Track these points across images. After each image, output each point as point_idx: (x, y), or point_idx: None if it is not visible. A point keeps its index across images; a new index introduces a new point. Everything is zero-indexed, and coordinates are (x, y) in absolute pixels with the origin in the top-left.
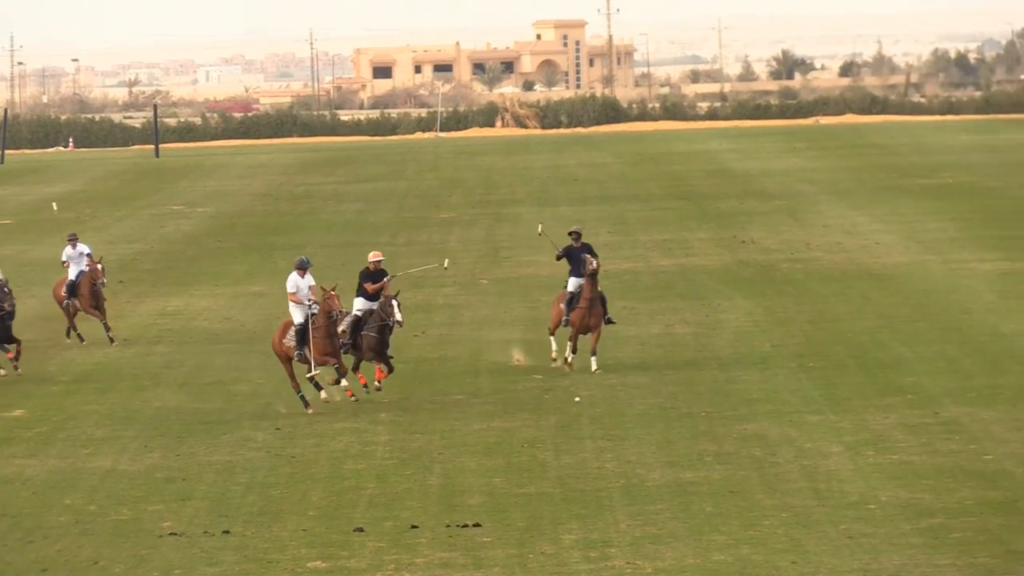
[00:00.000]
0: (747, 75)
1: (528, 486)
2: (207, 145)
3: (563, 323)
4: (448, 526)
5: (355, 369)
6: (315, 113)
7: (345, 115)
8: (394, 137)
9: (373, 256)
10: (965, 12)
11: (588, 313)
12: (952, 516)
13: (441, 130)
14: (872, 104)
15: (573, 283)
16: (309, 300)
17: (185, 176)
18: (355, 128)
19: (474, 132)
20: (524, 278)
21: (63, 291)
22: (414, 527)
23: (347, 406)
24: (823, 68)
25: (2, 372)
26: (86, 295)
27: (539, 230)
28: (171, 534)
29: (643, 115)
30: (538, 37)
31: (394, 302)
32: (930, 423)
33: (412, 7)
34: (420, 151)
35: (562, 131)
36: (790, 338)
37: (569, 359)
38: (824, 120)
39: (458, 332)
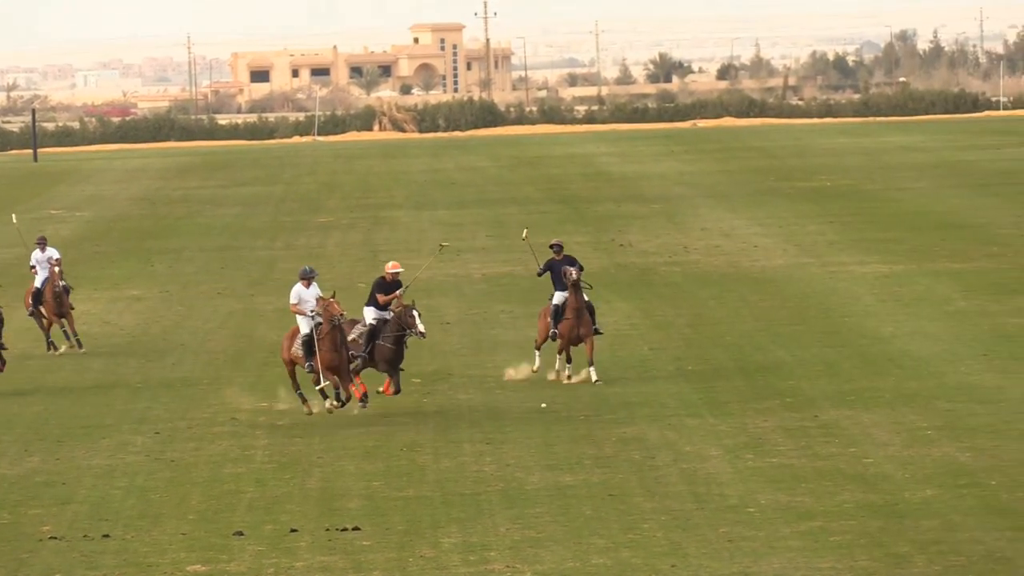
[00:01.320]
0: (625, 78)
1: (407, 490)
2: (85, 150)
3: (551, 337)
4: (327, 530)
5: (356, 373)
6: (193, 117)
7: (223, 119)
8: (272, 141)
9: (391, 267)
10: (843, 15)
11: (576, 324)
12: (832, 519)
13: (318, 134)
14: (750, 107)
15: (558, 296)
16: (312, 311)
17: (63, 180)
18: (233, 132)
19: (352, 136)
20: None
21: (30, 299)
22: (293, 531)
23: (227, 411)
24: (701, 71)
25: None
26: (50, 301)
27: (523, 235)
28: (51, 538)
29: (521, 119)
30: (415, 41)
31: (415, 312)
32: (809, 426)
33: (290, 11)
34: (298, 155)
35: (440, 135)
36: (669, 341)
37: (567, 372)
38: (702, 123)
39: None
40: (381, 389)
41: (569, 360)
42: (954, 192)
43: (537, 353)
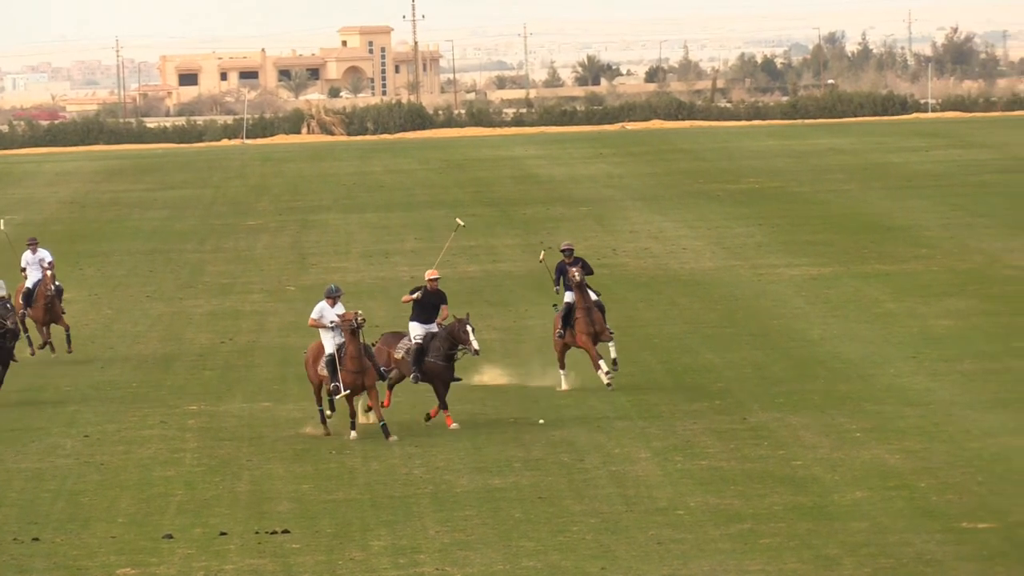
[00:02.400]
0: (553, 81)
1: (337, 492)
2: (14, 153)
3: (558, 335)
4: (257, 533)
5: (389, 388)
6: (121, 121)
7: (151, 122)
8: (200, 144)
9: (430, 274)
10: (771, 17)
11: (587, 321)
12: (761, 521)
13: (247, 137)
14: (678, 109)
15: (569, 296)
16: (333, 323)
17: None
18: (161, 135)
19: (280, 139)
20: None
21: (20, 300)
22: (223, 534)
23: (157, 414)
24: (629, 74)
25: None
26: (40, 305)
27: (540, 257)
28: None
29: (449, 121)
30: (344, 44)
31: (469, 327)
32: (738, 429)
33: (218, 15)
34: (226, 158)
35: (368, 138)
36: (598, 344)
37: (605, 380)
38: (630, 126)
39: (265, 339)
40: (432, 414)
41: (597, 367)
42: (883, 194)
43: (563, 373)
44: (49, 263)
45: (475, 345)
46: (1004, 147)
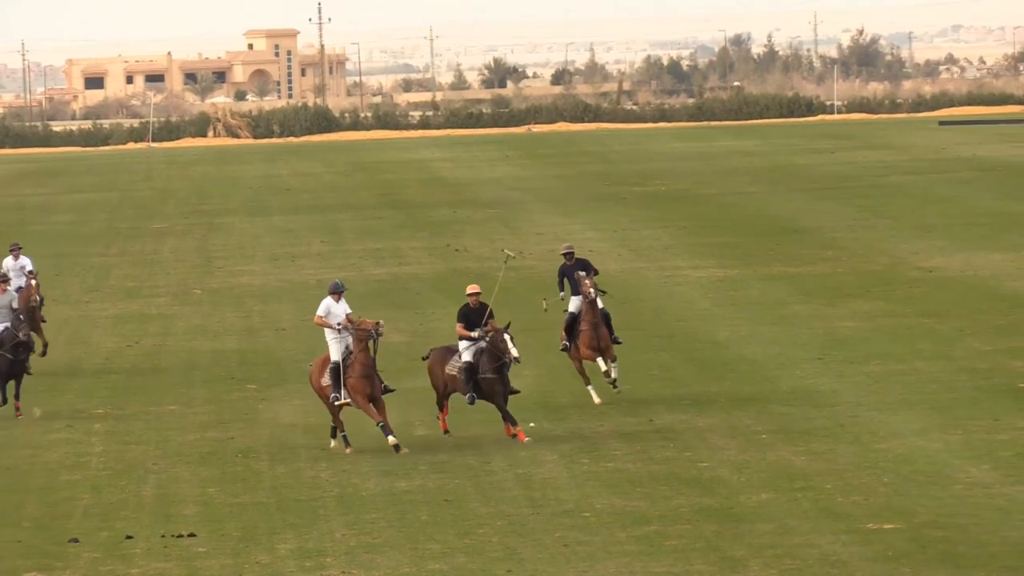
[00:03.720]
0: (459, 84)
1: (243, 496)
2: None
3: (562, 348)
4: (163, 536)
5: (441, 409)
6: (27, 124)
7: (57, 126)
8: (106, 148)
9: (471, 289)
10: (677, 19)
11: (593, 335)
12: (667, 523)
13: (153, 140)
14: (585, 112)
15: (574, 303)
16: (339, 325)
17: None
18: (67, 139)
19: (186, 142)
20: (237, 288)
21: None
22: (129, 537)
23: (63, 418)
24: (535, 76)
25: (37, 412)
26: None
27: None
28: None
29: (355, 124)
30: (250, 47)
31: (506, 336)
32: (645, 431)
33: (124, 18)
34: (133, 161)
35: (274, 141)
36: None
37: (593, 396)
38: (537, 128)
39: (172, 342)
40: (515, 433)
41: (588, 381)
42: (789, 196)
43: (590, 388)
44: (31, 271)
45: (514, 353)
46: (910, 149)
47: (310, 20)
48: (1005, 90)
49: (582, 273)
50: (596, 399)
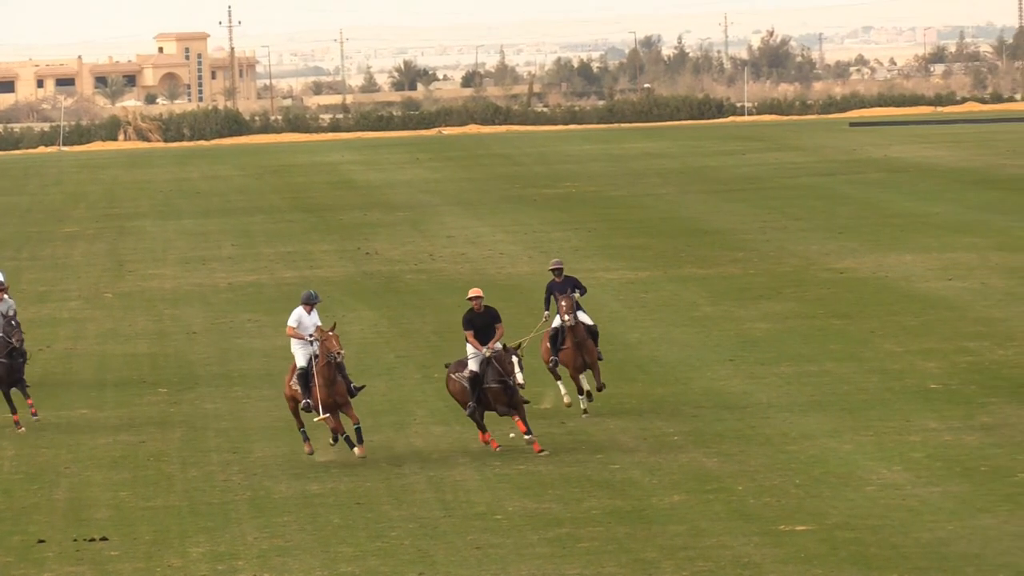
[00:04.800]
0: (370, 86)
1: (155, 499)
2: None
3: (550, 364)
4: (75, 540)
5: (482, 430)
6: None
7: None
8: (17, 152)
9: (472, 293)
10: (588, 21)
11: (576, 354)
12: (579, 526)
13: (64, 144)
14: (495, 114)
15: (559, 319)
16: (311, 336)
17: None
18: None
19: (97, 146)
20: (148, 291)
21: None
22: (41, 541)
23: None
24: (446, 79)
25: (21, 430)
26: None
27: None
28: None
29: (266, 127)
30: (160, 50)
31: (514, 358)
32: (556, 432)
33: (34, 22)
34: (43, 165)
35: (185, 144)
36: (415, 349)
37: (583, 404)
38: (447, 131)
39: (83, 346)
40: (527, 438)
41: (580, 391)
42: (699, 198)
43: (581, 398)
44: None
45: (519, 379)
46: (820, 150)
47: (220, 23)
48: (916, 91)
49: (564, 304)
50: (583, 405)
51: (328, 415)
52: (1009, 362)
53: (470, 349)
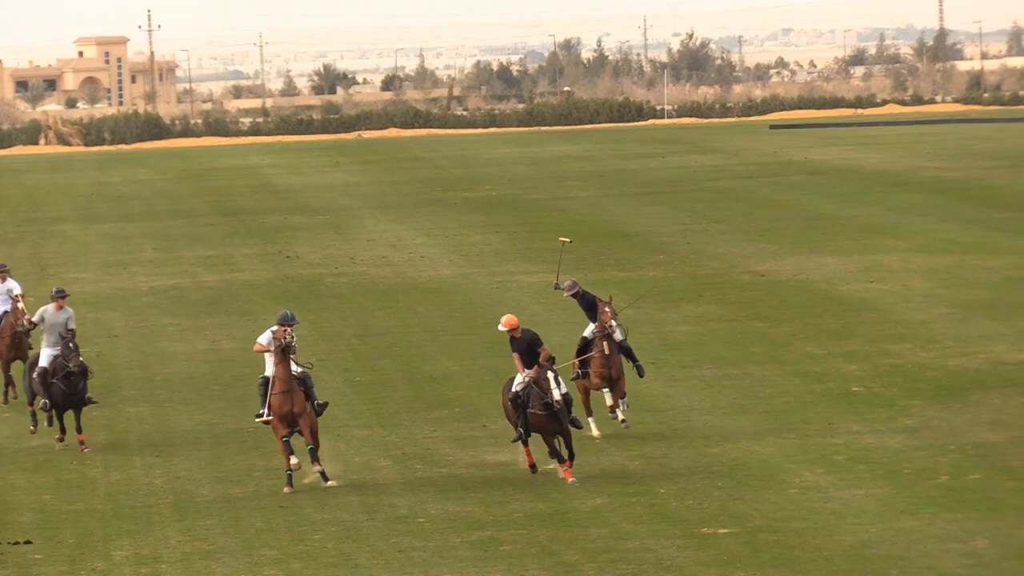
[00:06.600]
0: (289, 90)
1: (78, 503)
2: None
3: (576, 376)
4: None
5: (525, 444)
6: None
7: None
8: None
9: (502, 326)
10: (507, 24)
11: (604, 363)
12: (502, 528)
13: None
14: (415, 118)
15: (589, 329)
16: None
17: None
18: None
19: (18, 150)
20: (70, 295)
21: None
22: None
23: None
24: (365, 82)
25: (61, 446)
26: (7, 341)
27: (562, 244)
28: None
29: (186, 131)
30: (80, 55)
31: (550, 375)
32: (478, 436)
33: None
34: None
35: (106, 148)
36: (336, 352)
37: (620, 416)
38: (367, 134)
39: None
40: (562, 475)
41: (612, 411)
42: (619, 200)
43: (591, 420)
44: (19, 295)
45: (556, 396)
46: (740, 153)
47: (140, 27)
48: (836, 93)
49: (610, 315)
50: (595, 432)
51: (271, 417)
52: (931, 364)
53: (519, 377)
